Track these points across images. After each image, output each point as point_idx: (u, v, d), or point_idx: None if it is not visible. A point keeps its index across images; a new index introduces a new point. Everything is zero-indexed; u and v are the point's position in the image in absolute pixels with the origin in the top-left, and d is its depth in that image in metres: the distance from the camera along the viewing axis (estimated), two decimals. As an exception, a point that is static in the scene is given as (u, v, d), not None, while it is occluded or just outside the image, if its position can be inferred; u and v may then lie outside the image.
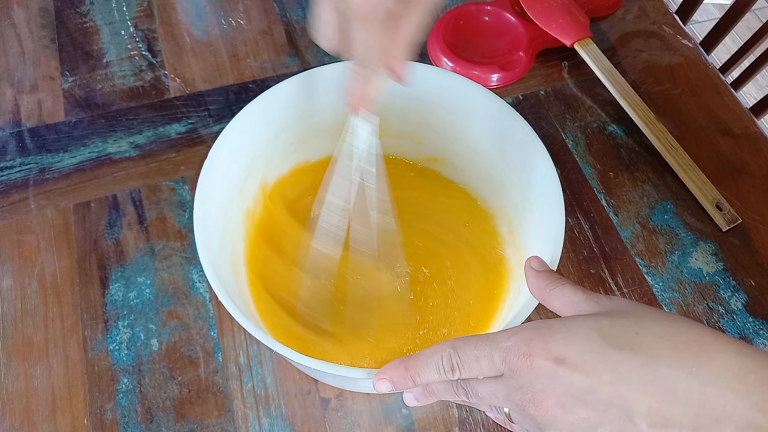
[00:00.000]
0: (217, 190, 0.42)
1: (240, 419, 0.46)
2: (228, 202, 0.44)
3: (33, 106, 0.59)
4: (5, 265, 0.51)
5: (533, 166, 0.43)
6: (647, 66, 0.66)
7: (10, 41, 0.63)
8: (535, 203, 0.44)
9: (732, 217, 0.55)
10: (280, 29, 0.66)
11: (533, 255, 0.36)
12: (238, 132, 0.44)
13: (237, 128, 0.43)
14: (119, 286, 0.51)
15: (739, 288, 0.53)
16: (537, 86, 0.63)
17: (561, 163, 0.59)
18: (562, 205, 0.40)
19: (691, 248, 0.55)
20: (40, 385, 0.47)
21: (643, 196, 0.57)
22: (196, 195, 0.40)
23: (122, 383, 0.47)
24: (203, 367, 0.48)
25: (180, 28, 0.65)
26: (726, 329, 0.51)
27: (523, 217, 0.46)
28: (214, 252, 0.40)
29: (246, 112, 0.44)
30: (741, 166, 0.59)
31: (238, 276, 0.44)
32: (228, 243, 0.44)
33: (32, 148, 0.57)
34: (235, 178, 0.45)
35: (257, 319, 0.44)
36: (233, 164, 0.44)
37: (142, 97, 0.61)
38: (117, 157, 0.57)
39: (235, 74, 0.62)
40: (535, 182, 0.43)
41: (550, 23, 0.63)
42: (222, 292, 0.36)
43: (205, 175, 0.41)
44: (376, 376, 0.33)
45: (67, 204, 0.54)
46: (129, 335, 0.49)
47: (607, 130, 0.61)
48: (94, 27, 0.65)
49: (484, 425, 0.47)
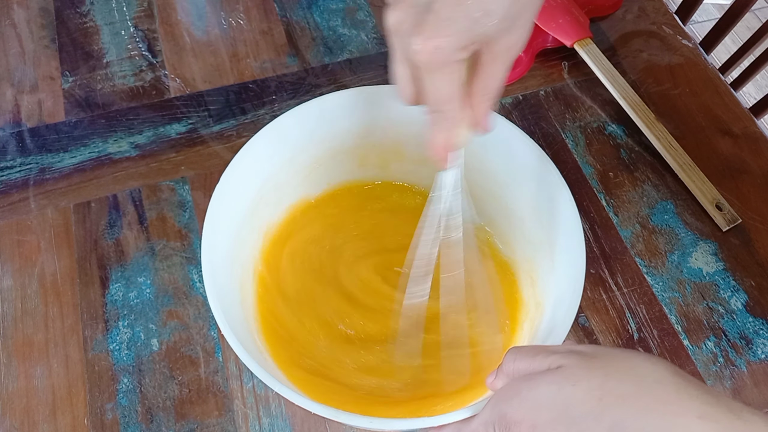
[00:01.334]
0: (227, 215, 0.42)
1: (240, 419, 0.46)
2: (238, 228, 0.43)
3: (33, 106, 0.59)
4: (5, 265, 0.51)
5: (555, 204, 0.42)
6: (647, 66, 0.66)
7: (10, 41, 0.63)
8: (555, 244, 0.43)
9: (732, 217, 0.55)
10: (280, 29, 0.66)
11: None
12: (252, 155, 0.43)
13: (251, 152, 0.43)
14: (119, 286, 0.51)
15: (739, 288, 0.53)
16: (537, 86, 0.63)
17: (561, 163, 0.59)
18: (582, 245, 0.39)
19: (691, 248, 0.55)
20: (40, 385, 0.47)
21: (643, 196, 0.57)
22: (206, 222, 0.40)
23: (122, 383, 0.47)
24: (203, 367, 0.48)
25: (180, 28, 0.65)
26: (726, 329, 0.51)
27: (542, 257, 0.45)
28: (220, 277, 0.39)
29: (261, 135, 0.43)
30: (741, 166, 0.59)
31: (245, 302, 0.44)
32: (236, 269, 0.43)
33: (32, 148, 0.57)
34: (246, 202, 0.44)
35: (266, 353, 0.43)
36: (246, 187, 0.44)
37: (142, 97, 0.61)
38: (117, 157, 0.57)
39: (235, 74, 0.62)
40: (557, 220, 0.43)
41: (550, 23, 0.63)
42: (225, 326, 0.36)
43: (215, 202, 0.41)
44: None
45: (68, 204, 0.54)
46: (129, 335, 0.49)
47: (607, 130, 0.61)
48: (94, 27, 0.65)
49: (484, 425, 0.47)
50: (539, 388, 0.31)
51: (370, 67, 0.63)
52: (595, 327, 0.51)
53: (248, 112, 0.60)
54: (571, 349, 0.32)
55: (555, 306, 0.41)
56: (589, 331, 0.51)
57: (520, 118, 0.60)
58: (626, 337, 0.51)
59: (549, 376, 0.31)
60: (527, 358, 0.33)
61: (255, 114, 0.60)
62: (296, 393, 0.34)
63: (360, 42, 0.65)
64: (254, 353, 0.36)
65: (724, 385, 0.49)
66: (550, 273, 0.43)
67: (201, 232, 0.40)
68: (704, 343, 0.51)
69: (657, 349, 0.50)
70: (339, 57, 0.64)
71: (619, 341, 0.50)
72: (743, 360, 0.50)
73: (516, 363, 0.33)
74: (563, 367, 0.31)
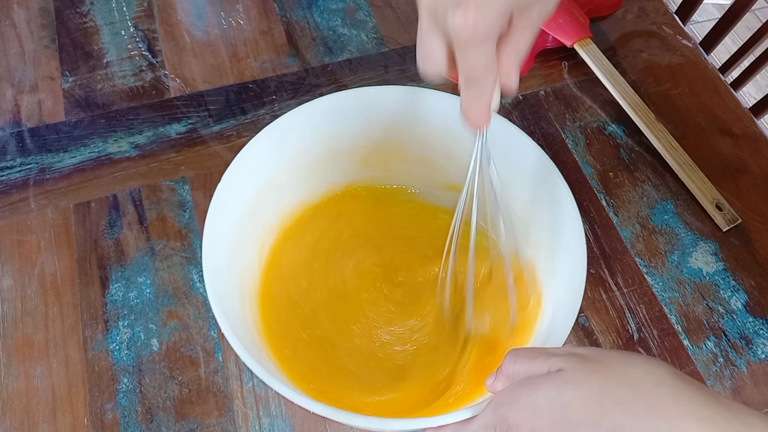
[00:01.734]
0: (228, 215, 0.42)
1: (240, 419, 0.46)
2: (238, 228, 0.43)
3: (33, 106, 0.59)
4: (5, 265, 0.51)
5: (557, 205, 0.43)
6: (647, 66, 0.66)
7: (10, 41, 0.63)
8: (556, 246, 0.43)
9: (732, 217, 0.55)
10: (280, 29, 0.66)
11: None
12: (252, 155, 0.43)
13: (251, 153, 0.43)
14: (119, 286, 0.51)
15: (739, 288, 0.53)
16: (537, 86, 0.63)
17: (561, 163, 0.59)
18: (583, 247, 0.39)
19: (691, 248, 0.55)
20: (40, 385, 0.47)
21: (643, 196, 0.57)
22: (206, 222, 0.40)
23: (122, 383, 0.47)
24: (203, 366, 0.48)
25: (180, 28, 0.65)
26: (726, 329, 0.51)
27: (542, 258, 0.45)
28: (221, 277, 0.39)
29: (262, 136, 0.43)
30: (741, 166, 0.59)
31: (244, 301, 0.44)
32: (237, 269, 0.43)
33: (32, 148, 0.57)
34: (247, 202, 0.44)
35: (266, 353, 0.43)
36: (246, 187, 0.44)
37: (142, 97, 0.61)
38: (117, 157, 0.57)
39: (235, 74, 0.62)
40: (558, 221, 0.43)
41: (550, 23, 0.63)
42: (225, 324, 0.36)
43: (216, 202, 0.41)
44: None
45: (68, 204, 0.54)
46: (129, 335, 0.49)
47: (607, 130, 0.61)
48: (94, 27, 0.65)
49: (484, 425, 0.47)
50: (539, 392, 0.31)
51: (370, 67, 0.63)
52: (595, 327, 0.51)
53: (248, 112, 0.60)
54: (571, 352, 0.32)
55: (556, 306, 0.41)
56: (589, 331, 0.51)
57: (520, 118, 0.60)
58: (626, 337, 0.51)
59: (549, 380, 0.31)
60: (527, 361, 0.33)
61: (255, 114, 0.60)
62: (296, 392, 0.34)
63: (360, 42, 0.65)
64: (254, 352, 0.36)
65: (724, 385, 0.49)
66: (551, 273, 0.43)
67: (201, 232, 0.40)
68: (704, 343, 0.51)
69: (657, 349, 0.50)
70: (339, 57, 0.64)
71: (619, 341, 0.50)
72: (743, 360, 0.50)
73: (516, 365, 0.34)
74: (563, 370, 0.31)
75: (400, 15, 0.68)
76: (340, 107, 0.45)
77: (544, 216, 0.44)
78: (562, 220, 0.42)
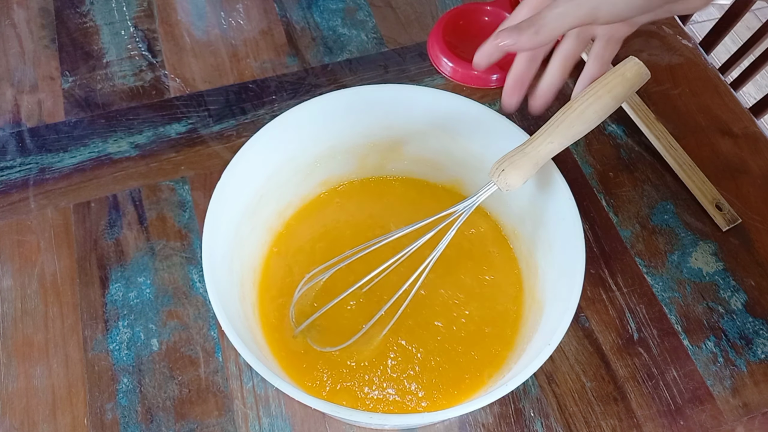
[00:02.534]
0: (228, 213, 0.42)
1: (240, 419, 0.46)
2: (238, 227, 0.43)
3: (33, 106, 0.59)
4: (5, 265, 0.51)
5: (554, 201, 0.43)
6: (647, 66, 0.66)
7: (10, 41, 0.63)
8: (554, 239, 0.43)
9: (732, 217, 0.55)
10: (280, 29, 0.66)
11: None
12: (252, 153, 0.43)
13: (251, 152, 0.43)
14: (119, 286, 0.51)
15: (739, 288, 0.53)
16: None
17: (561, 163, 0.59)
18: (582, 240, 0.40)
19: (690, 248, 0.55)
20: (40, 385, 0.47)
21: (643, 196, 0.57)
22: (206, 221, 0.40)
23: (122, 383, 0.47)
24: (203, 367, 0.48)
25: (180, 28, 0.65)
26: (726, 329, 0.51)
27: (542, 257, 0.45)
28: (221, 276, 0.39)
29: (261, 135, 0.43)
30: (741, 166, 0.59)
31: (244, 300, 0.44)
32: (236, 269, 0.43)
33: (32, 148, 0.57)
34: (247, 200, 0.44)
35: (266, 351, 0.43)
36: (246, 186, 0.44)
37: (142, 97, 0.61)
38: (117, 157, 0.57)
39: (235, 74, 0.62)
40: (555, 217, 0.43)
41: (550, 23, 0.63)
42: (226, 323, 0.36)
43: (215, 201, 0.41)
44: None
45: (67, 204, 0.54)
46: (129, 335, 0.49)
47: (607, 130, 0.61)
48: (94, 27, 0.65)
49: (483, 425, 0.47)
50: None
51: (370, 67, 0.63)
52: (595, 327, 0.51)
53: (248, 112, 0.60)
54: None
55: (554, 305, 0.41)
56: (589, 331, 0.51)
57: (520, 118, 0.60)
58: (626, 337, 0.51)
59: None
60: None
61: (255, 114, 0.60)
62: (296, 389, 0.34)
63: (360, 42, 0.65)
64: (254, 351, 0.36)
65: (724, 385, 0.49)
66: (550, 272, 0.43)
67: (201, 232, 0.40)
68: (704, 343, 0.51)
69: (657, 349, 0.50)
70: (339, 57, 0.64)
71: (619, 341, 0.50)
72: (743, 360, 0.50)
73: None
74: None
75: (400, 15, 0.68)
76: (339, 106, 0.45)
77: (543, 214, 0.44)
78: (562, 220, 0.42)
